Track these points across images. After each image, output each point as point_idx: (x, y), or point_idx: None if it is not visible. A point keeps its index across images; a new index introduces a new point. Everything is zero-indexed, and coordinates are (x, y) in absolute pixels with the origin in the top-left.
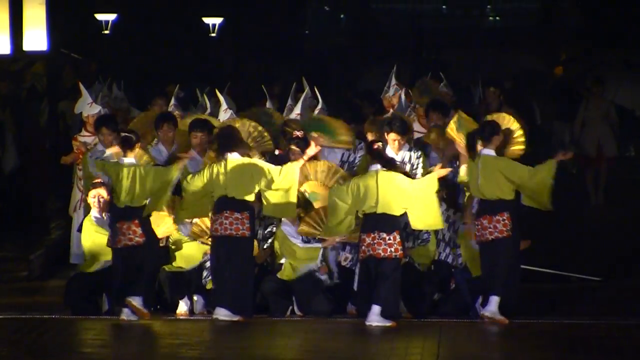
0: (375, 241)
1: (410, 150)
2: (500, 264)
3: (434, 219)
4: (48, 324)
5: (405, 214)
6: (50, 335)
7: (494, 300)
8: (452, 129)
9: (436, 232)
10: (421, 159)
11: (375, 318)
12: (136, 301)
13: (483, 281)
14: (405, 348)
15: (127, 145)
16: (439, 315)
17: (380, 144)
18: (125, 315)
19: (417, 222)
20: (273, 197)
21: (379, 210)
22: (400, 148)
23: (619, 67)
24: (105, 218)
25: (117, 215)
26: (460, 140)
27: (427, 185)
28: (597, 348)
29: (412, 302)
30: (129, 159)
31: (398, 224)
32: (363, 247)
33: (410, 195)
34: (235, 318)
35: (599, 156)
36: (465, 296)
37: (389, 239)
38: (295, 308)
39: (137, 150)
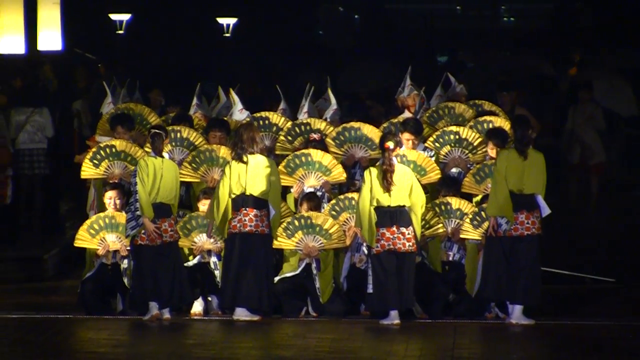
0: (395, 235)
1: (424, 149)
2: (523, 268)
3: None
4: (62, 323)
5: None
6: (64, 334)
7: (518, 309)
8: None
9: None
10: (433, 159)
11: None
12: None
13: (495, 284)
14: (419, 349)
15: (156, 141)
16: (454, 316)
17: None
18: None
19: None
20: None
21: (393, 204)
22: (414, 147)
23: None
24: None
25: (154, 211)
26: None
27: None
28: (611, 349)
29: (427, 303)
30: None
31: (410, 218)
32: (382, 242)
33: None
34: (255, 318)
35: (583, 162)
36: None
37: (408, 234)
38: (310, 309)
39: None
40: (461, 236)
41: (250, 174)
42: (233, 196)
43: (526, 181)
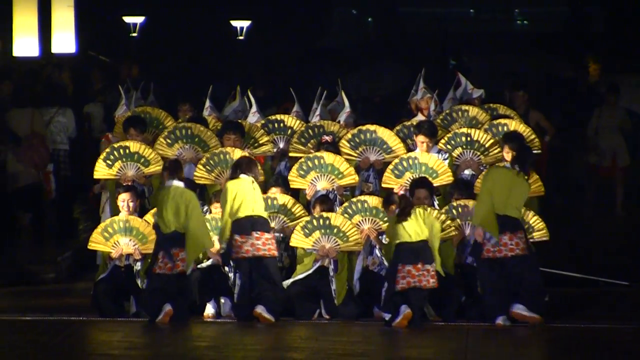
0: (420, 272)
1: (438, 152)
2: (520, 285)
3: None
4: (75, 325)
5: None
6: (77, 337)
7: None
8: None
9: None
10: (447, 161)
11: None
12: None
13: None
14: (432, 352)
15: (173, 170)
16: (466, 319)
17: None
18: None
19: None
20: None
21: (414, 239)
22: (428, 150)
23: None
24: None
25: (167, 242)
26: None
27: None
28: (624, 352)
29: (440, 305)
30: (175, 181)
31: (432, 254)
32: (408, 278)
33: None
34: (272, 319)
35: (613, 166)
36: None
37: (432, 270)
38: (323, 311)
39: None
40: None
41: (257, 195)
42: (238, 217)
43: (511, 203)
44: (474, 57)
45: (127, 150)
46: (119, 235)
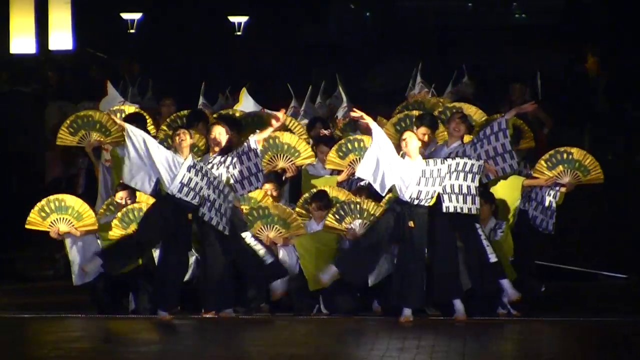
0: None
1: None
2: None
3: None
4: (74, 322)
5: None
6: (76, 334)
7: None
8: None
9: None
10: None
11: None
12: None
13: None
14: (432, 346)
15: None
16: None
17: None
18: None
19: None
20: None
21: None
22: (429, 142)
23: None
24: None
25: None
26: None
27: None
28: (624, 346)
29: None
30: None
31: None
32: None
33: None
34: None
35: None
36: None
37: None
38: (322, 307)
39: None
40: None
41: None
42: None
43: None
44: (472, 52)
45: (91, 119)
46: (56, 214)
